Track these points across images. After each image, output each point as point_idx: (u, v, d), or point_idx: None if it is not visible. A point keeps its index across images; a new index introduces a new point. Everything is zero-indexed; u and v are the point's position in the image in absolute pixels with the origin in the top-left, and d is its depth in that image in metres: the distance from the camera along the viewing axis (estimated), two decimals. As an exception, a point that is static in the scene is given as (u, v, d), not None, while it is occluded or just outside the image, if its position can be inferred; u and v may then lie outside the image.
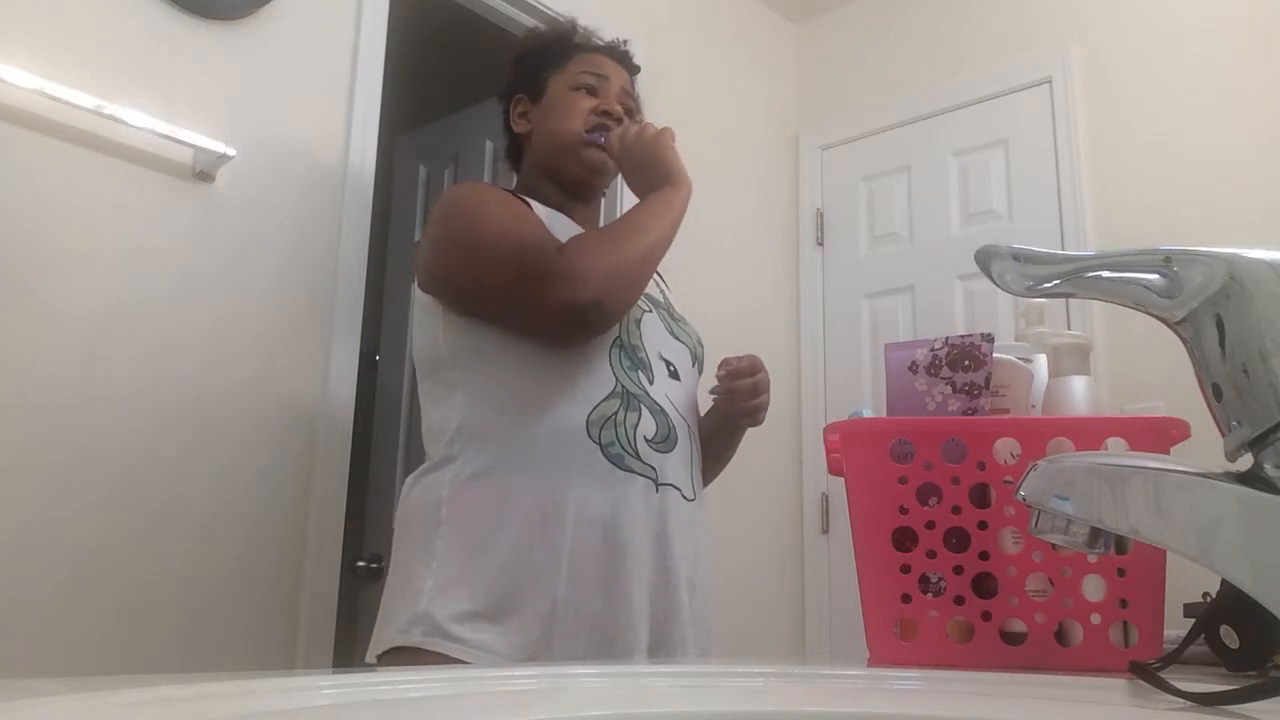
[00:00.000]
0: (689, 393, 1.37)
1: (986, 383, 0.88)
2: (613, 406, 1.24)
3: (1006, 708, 0.57)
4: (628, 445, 1.23)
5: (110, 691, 0.42)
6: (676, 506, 1.27)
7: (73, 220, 1.53)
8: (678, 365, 1.35)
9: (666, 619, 1.24)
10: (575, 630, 1.17)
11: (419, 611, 1.15)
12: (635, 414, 1.24)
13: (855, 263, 3.04)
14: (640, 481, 1.23)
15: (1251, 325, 0.51)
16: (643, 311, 1.33)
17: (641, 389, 1.27)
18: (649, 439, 1.25)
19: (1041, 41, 2.76)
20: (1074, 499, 0.57)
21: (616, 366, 1.26)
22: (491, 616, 1.16)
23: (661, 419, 1.27)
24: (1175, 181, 2.45)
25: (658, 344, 1.33)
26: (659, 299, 1.41)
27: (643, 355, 1.30)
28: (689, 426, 1.32)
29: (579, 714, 0.53)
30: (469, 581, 1.17)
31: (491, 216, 1.25)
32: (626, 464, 1.23)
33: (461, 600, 1.16)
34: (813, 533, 2.89)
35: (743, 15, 3.13)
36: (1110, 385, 2.30)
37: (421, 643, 1.14)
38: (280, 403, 1.73)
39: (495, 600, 1.16)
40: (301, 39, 1.86)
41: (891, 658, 0.82)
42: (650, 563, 1.23)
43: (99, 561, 1.49)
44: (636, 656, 1.19)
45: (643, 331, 1.31)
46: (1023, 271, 0.59)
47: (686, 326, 1.43)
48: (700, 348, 1.44)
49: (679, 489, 1.28)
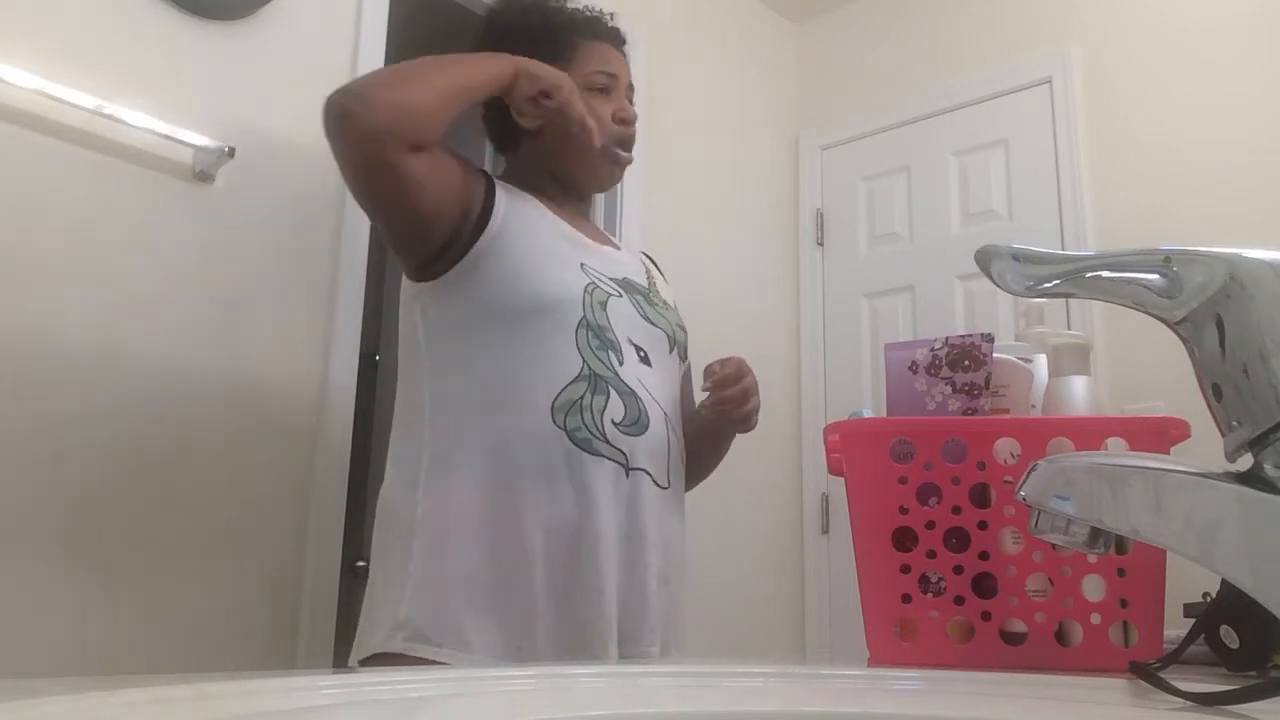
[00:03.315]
0: (666, 379, 1.33)
1: (986, 383, 0.88)
2: (579, 390, 1.21)
3: (1006, 708, 0.57)
4: (595, 429, 1.20)
5: (110, 691, 0.42)
6: (648, 493, 1.24)
7: (73, 220, 1.53)
8: (649, 351, 1.31)
9: (635, 611, 1.21)
10: (558, 624, 1.16)
11: (401, 617, 1.14)
12: (603, 397, 1.22)
13: (855, 263, 3.04)
14: (609, 466, 1.21)
15: (1251, 325, 0.51)
16: (609, 295, 1.29)
17: (611, 370, 1.24)
18: (617, 422, 1.22)
19: (1041, 41, 2.76)
20: (1074, 499, 0.57)
21: (584, 347, 1.23)
22: (473, 617, 1.14)
23: (632, 402, 1.24)
24: (1175, 181, 2.45)
25: (627, 329, 1.29)
26: (638, 284, 1.36)
27: (611, 336, 1.26)
28: (665, 413, 1.29)
29: (579, 714, 0.53)
30: (447, 582, 1.16)
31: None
32: (595, 448, 1.20)
33: (442, 602, 1.15)
34: (813, 533, 2.89)
35: (743, 15, 3.13)
36: (1110, 385, 2.30)
37: (404, 649, 1.13)
38: (280, 403, 1.73)
39: (475, 600, 1.15)
40: (301, 39, 1.86)
41: (891, 658, 0.82)
42: (619, 551, 1.21)
43: (98, 561, 1.49)
44: (611, 649, 1.17)
45: (609, 314, 1.27)
46: (1023, 271, 0.59)
47: (666, 311, 1.38)
48: (681, 332, 1.40)
49: (651, 474, 1.25)
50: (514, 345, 1.23)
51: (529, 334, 1.23)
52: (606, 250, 1.38)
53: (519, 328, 1.23)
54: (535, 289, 1.24)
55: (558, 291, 1.24)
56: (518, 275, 1.24)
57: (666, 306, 1.40)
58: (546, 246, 1.28)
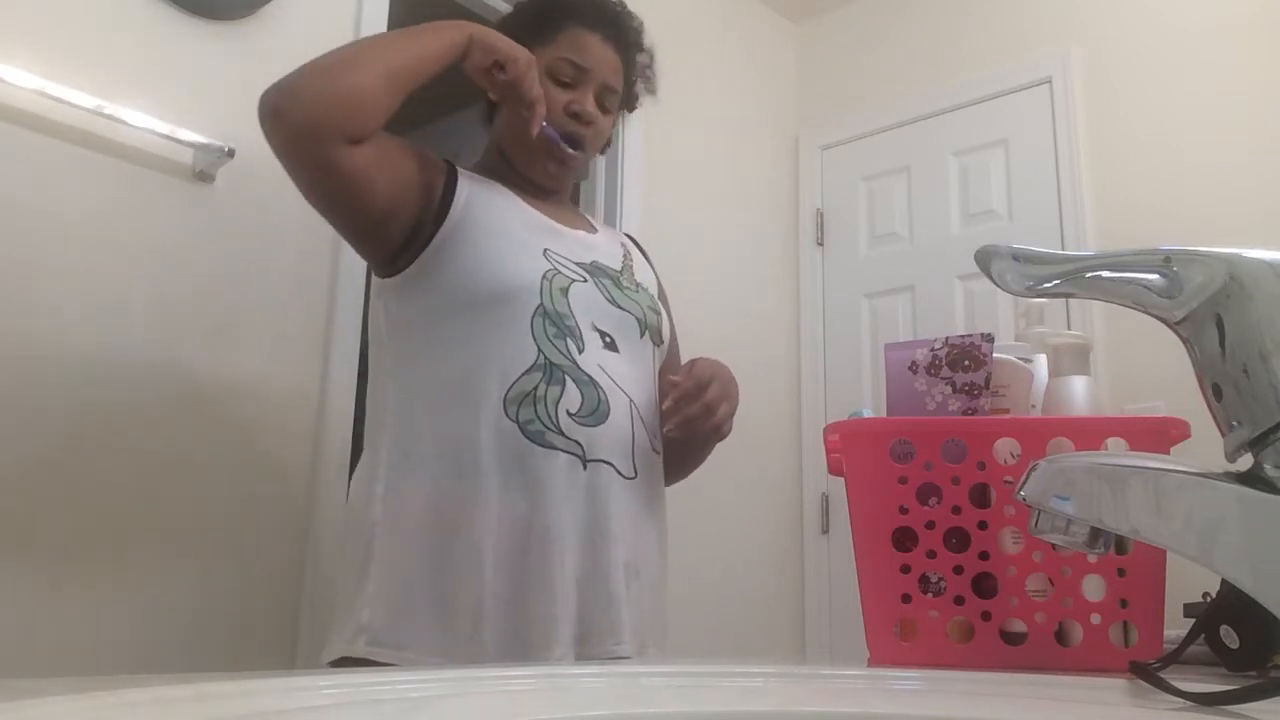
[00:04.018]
0: (635, 365, 1.27)
1: (986, 383, 0.88)
2: (533, 381, 1.17)
3: (1006, 708, 0.57)
4: (549, 421, 1.16)
5: (110, 691, 0.42)
6: (611, 485, 1.19)
7: (73, 220, 1.53)
8: (616, 336, 1.26)
9: (596, 607, 1.16)
10: (505, 622, 1.12)
11: (363, 620, 1.13)
12: (558, 387, 1.17)
13: (855, 263, 3.04)
14: (564, 458, 1.16)
15: (1251, 325, 0.51)
16: (572, 281, 1.24)
17: (568, 359, 1.19)
18: (573, 412, 1.17)
19: (1041, 41, 2.76)
20: (1074, 499, 0.57)
21: (540, 336, 1.19)
22: (428, 619, 1.12)
23: (590, 390, 1.19)
24: (1175, 181, 2.45)
25: (592, 314, 1.24)
26: (607, 267, 1.31)
27: (571, 324, 1.21)
28: (630, 400, 1.23)
29: (579, 714, 0.53)
30: (404, 584, 1.14)
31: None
32: (548, 440, 1.15)
33: (399, 604, 1.13)
34: (813, 533, 2.89)
35: (743, 15, 3.13)
36: (1110, 385, 2.30)
37: (366, 653, 1.11)
38: (280, 403, 1.73)
39: (429, 600, 1.13)
40: (301, 39, 1.86)
41: (891, 658, 0.82)
42: (577, 546, 1.16)
43: (98, 561, 1.49)
44: (559, 649, 1.12)
45: (571, 300, 1.22)
46: (1023, 271, 0.59)
47: (636, 294, 1.32)
48: (654, 315, 1.33)
49: (614, 465, 1.19)
50: (470, 338, 1.19)
51: (484, 325, 1.19)
52: (578, 234, 1.33)
53: (475, 319, 1.19)
54: (490, 278, 1.19)
55: (514, 280, 1.20)
56: (474, 265, 1.20)
57: (638, 290, 1.34)
58: (507, 234, 1.23)
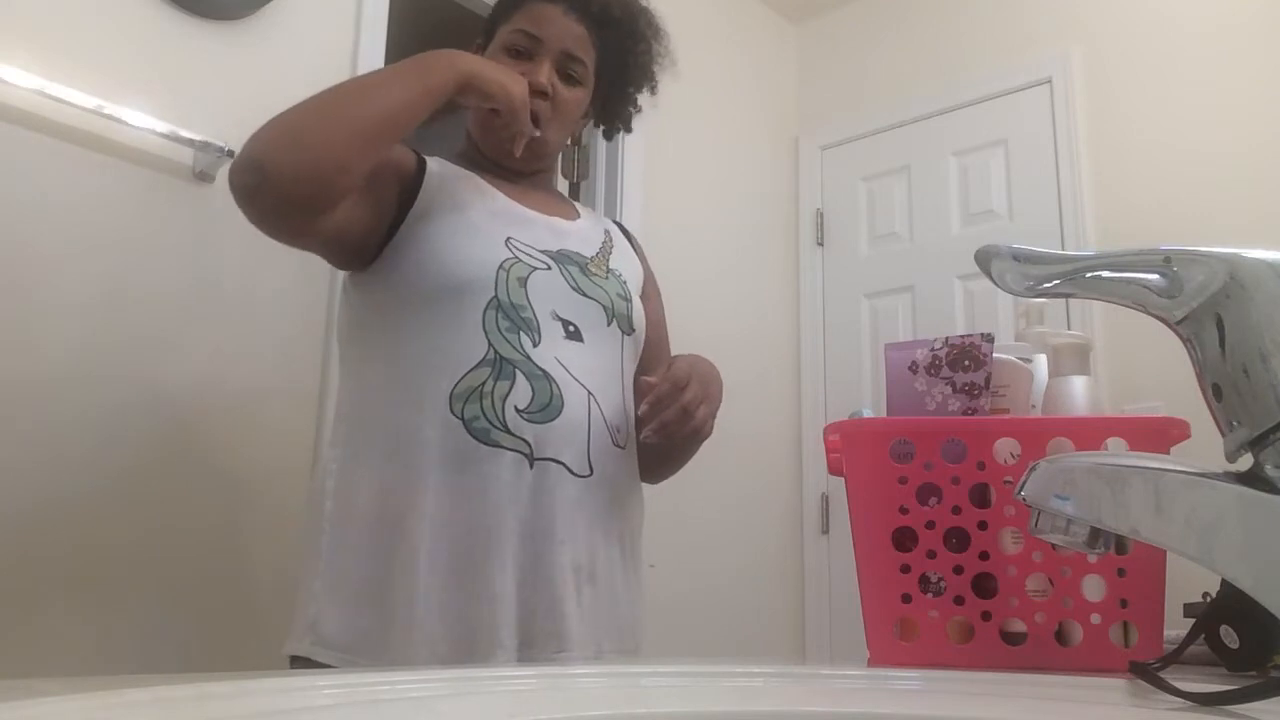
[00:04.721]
0: (600, 355, 1.22)
1: (986, 383, 0.88)
2: (481, 376, 1.12)
3: (1006, 708, 0.57)
4: (495, 418, 1.11)
5: (110, 691, 0.42)
6: (561, 484, 1.13)
7: (73, 220, 1.53)
8: (580, 325, 1.20)
9: (539, 613, 1.11)
10: (441, 627, 1.08)
11: (310, 618, 1.11)
12: (507, 382, 1.12)
13: (855, 263, 3.04)
14: (509, 457, 1.11)
15: (1251, 325, 0.51)
16: (533, 270, 1.19)
17: (520, 353, 1.14)
18: (521, 409, 1.12)
19: (1041, 41, 2.76)
20: (1074, 499, 0.57)
21: (490, 329, 1.14)
22: (367, 619, 1.10)
23: (542, 385, 1.14)
24: (1175, 182, 2.45)
25: (553, 303, 1.19)
26: (575, 254, 1.26)
27: (528, 315, 1.16)
28: (590, 394, 1.18)
29: (579, 714, 0.53)
30: (346, 583, 1.12)
31: None
32: (493, 438, 1.11)
33: (342, 605, 1.11)
34: (813, 533, 2.89)
35: (743, 15, 3.13)
36: (1110, 385, 2.30)
37: (310, 653, 1.09)
38: (280, 403, 1.73)
39: (367, 601, 1.10)
40: (301, 39, 1.86)
41: (891, 658, 0.82)
42: (518, 548, 1.10)
43: (98, 562, 1.49)
44: (500, 654, 1.07)
45: (529, 290, 1.17)
46: (1023, 271, 0.59)
47: (606, 281, 1.26)
48: (624, 302, 1.27)
49: (564, 464, 1.14)
50: (420, 333, 1.15)
51: (437, 320, 1.15)
52: (553, 220, 1.28)
53: (427, 313, 1.15)
54: (440, 271, 1.15)
55: (467, 271, 1.15)
56: (426, 258, 1.16)
57: (609, 276, 1.28)
58: (466, 225, 1.19)
